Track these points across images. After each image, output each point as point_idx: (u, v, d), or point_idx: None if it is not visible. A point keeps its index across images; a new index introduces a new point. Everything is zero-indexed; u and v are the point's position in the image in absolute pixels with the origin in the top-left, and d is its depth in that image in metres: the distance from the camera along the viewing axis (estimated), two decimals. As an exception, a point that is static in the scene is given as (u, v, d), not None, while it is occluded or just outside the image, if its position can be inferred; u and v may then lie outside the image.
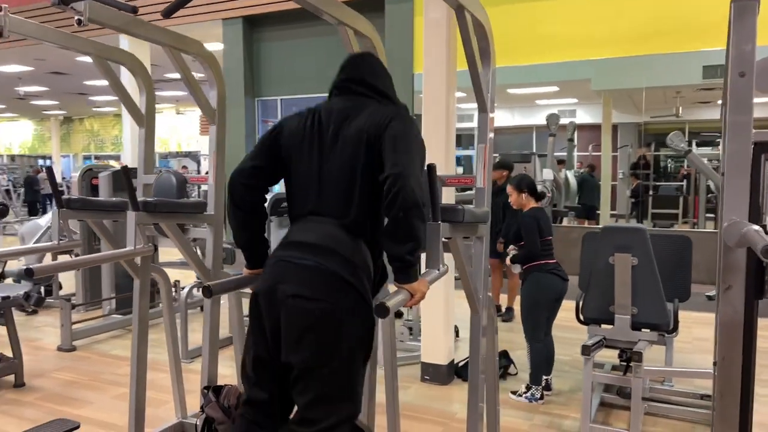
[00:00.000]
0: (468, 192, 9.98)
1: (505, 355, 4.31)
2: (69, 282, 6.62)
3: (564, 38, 8.45)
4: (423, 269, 1.95)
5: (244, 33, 9.40)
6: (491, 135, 2.37)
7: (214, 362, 2.91)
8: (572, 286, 3.91)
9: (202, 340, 2.90)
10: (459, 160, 16.97)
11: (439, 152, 3.95)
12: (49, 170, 2.52)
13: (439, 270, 1.94)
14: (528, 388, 3.81)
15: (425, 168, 1.82)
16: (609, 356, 4.03)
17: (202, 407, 2.68)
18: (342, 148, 1.87)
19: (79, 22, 2.27)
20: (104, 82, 2.57)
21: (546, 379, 3.87)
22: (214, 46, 9.82)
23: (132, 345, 3.02)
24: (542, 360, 3.81)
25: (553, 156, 8.64)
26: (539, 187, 7.42)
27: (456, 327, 5.16)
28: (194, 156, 20.14)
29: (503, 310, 5.95)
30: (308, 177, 1.91)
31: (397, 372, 2.69)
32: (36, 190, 14.54)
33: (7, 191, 14.42)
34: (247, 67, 9.53)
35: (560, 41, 8.51)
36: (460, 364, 4.23)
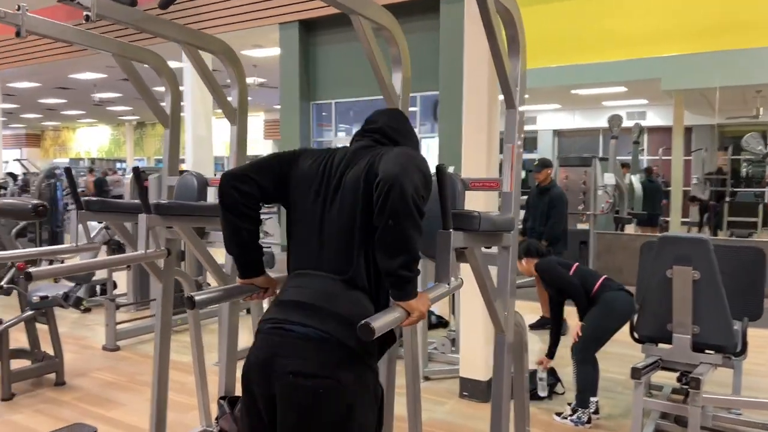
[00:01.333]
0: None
1: (552, 373, 4.01)
2: (124, 281, 6.77)
3: (631, 33, 7.93)
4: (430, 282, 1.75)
5: (300, 37, 9.42)
6: (520, 134, 2.13)
7: (232, 372, 2.79)
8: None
9: (219, 349, 2.79)
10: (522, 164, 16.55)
11: (479, 153, 3.71)
12: (68, 171, 2.48)
13: (449, 284, 1.73)
14: (574, 410, 3.50)
15: (427, 172, 1.63)
16: (669, 377, 3.68)
17: (216, 418, 2.57)
18: (342, 196, 1.69)
19: (87, 18, 2.21)
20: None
21: (594, 402, 3.56)
22: (272, 51, 9.89)
23: (154, 349, 2.96)
24: (591, 381, 3.50)
25: (615, 159, 8.15)
26: (599, 192, 7.04)
27: (502, 339, 4.89)
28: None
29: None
30: (311, 228, 1.72)
31: (419, 385, 2.48)
32: (105, 191, 15.22)
33: (83, 191, 15.16)
34: (302, 70, 9.54)
35: (627, 37, 7.99)
36: (503, 381, 3.96)
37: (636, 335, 3.45)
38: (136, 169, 2.45)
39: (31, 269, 1.99)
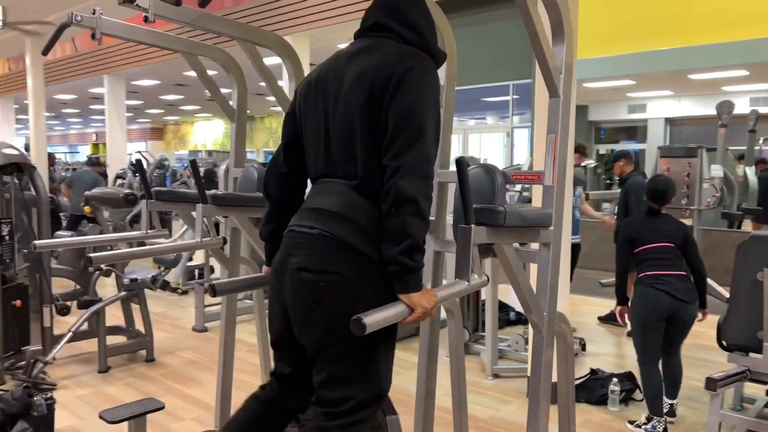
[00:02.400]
0: (610, 191, 9.06)
1: (629, 378, 3.77)
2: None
3: (753, 10, 7.22)
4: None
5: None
6: (565, 124, 2.01)
7: (268, 359, 2.87)
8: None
9: (257, 338, 2.88)
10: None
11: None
12: (193, 163, 2.65)
13: (468, 282, 1.67)
14: (649, 419, 3.27)
15: (439, 120, 1.65)
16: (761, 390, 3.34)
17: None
18: (346, 98, 1.66)
19: (146, 19, 2.35)
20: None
21: (671, 404, 3.31)
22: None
23: (220, 331, 3.12)
24: (654, 387, 3.25)
25: (724, 150, 7.45)
26: (705, 185, 6.47)
27: (582, 340, 4.67)
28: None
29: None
30: (317, 135, 1.74)
31: (464, 377, 2.39)
32: (215, 181, 16.22)
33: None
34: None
35: (749, 14, 7.28)
36: (576, 383, 3.78)
37: (723, 343, 3.16)
38: (193, 162, 2.58)
39: (92, 254, 2.16)
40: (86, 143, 30.69)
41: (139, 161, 2.67)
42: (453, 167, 1.98)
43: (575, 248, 4.67)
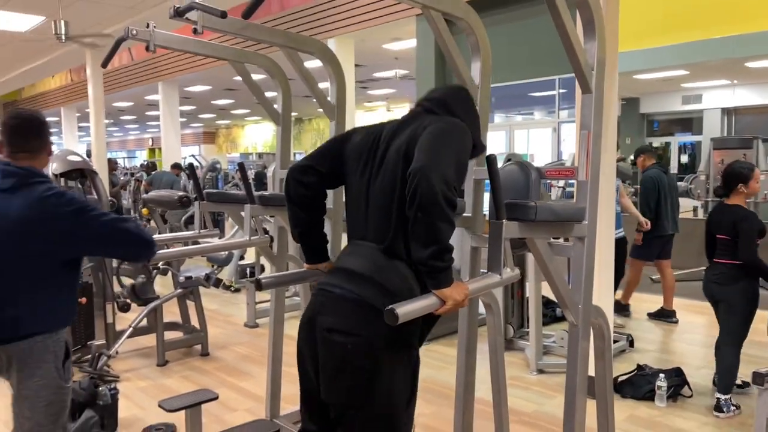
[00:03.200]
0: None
1: (678, 373, 3.71)
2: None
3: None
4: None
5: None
6: (598, 120, 2.03)
7: None
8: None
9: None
10: (684, 148, 15.10)
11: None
12: (241, 166, 2.81)
13: (501, 276, 1.73)
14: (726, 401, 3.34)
15: (464, 155, 1.64)
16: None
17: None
18: (385, 168, 1.76)
19: (195, 31, 2.49)
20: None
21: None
22: (412, 43, 10.01)
23: (269, 328, 3.26)
24: (735, 368, 3.43)
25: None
26: (762, 177, 6.25)
27: (629, 336, 4.62)
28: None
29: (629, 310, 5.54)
30: (358, 198, 1.83)
31: (504, 372, 2.43)
32: (264, 183, 16.64)
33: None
34: (438, 59, 9.60)
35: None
36: (620, 379, 3.76)
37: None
38: (241, 165, 2.71)
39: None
40: (143, 148, 31.88)
41: (191, 165, 2.83)
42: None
43: (620, 243, 4.61)
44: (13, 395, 2.06)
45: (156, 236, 2.41)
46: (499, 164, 2.00)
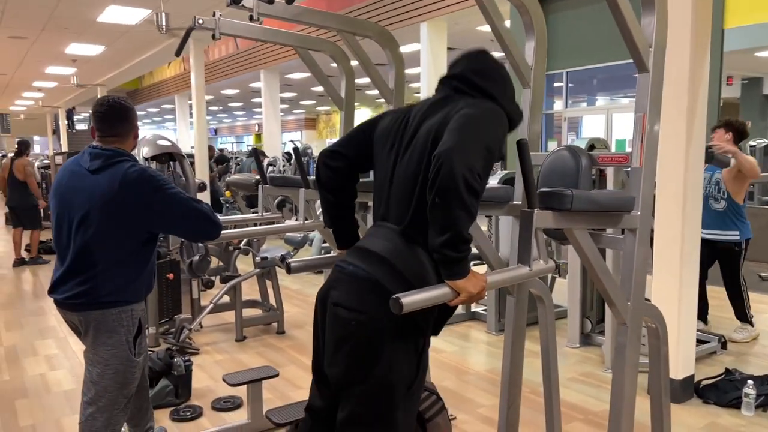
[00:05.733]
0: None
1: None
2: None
3: None
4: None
5: (529, 7, 9.12)
6: (656, 102, 1.86)
7: None
8: None
9: None
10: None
11: (676, 141, 3.23)
12: (255, 152, 2.90)
13: (530, 268, 1.64)
14: None
15: (494, 143, 1.56)
16: None
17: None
18: (413, 150, 1.71)
19: (251, 18, 2.55)
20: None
21: None
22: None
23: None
24: None
25: None
26: None
27: (722, 337, 4.25)
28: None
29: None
30: (383, 180, 1.80)
31: (556, 366, 2.32)
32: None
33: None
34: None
35: None
36: (705, 383, 3.47)
37: None
38: (295, 149, 2.76)
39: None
40: (250, 134, 33.43)
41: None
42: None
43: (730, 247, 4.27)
44: (87, 359, 2.24)
45: (222, 217, 2.52)
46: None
